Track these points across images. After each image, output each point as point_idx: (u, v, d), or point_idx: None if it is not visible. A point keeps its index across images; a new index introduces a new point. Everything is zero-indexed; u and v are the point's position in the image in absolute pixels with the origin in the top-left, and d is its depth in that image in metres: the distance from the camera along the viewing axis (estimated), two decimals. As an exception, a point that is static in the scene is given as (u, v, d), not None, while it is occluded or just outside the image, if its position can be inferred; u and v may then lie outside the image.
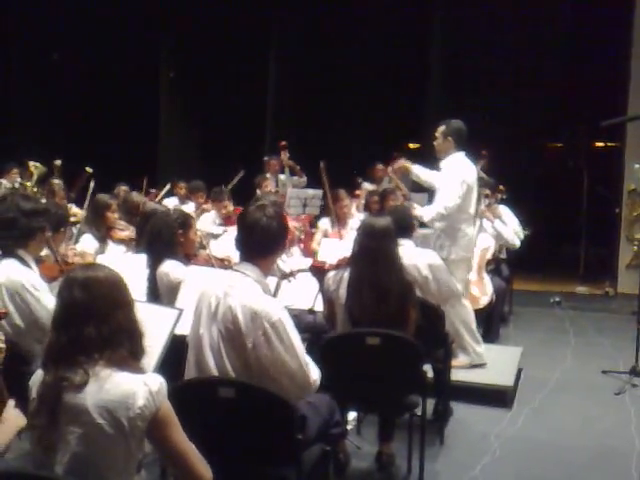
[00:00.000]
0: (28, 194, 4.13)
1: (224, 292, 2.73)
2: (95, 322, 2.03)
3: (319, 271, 3.93)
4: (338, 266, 3.83)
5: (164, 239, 3.91)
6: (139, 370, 2.06)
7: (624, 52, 8.50)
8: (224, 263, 4.34)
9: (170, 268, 3.83)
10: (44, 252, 3.72)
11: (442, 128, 5.26)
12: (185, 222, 4.17)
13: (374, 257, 3.59)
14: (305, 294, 4.13)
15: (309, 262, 4.90)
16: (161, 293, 3.82)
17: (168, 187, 7.85)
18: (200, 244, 4.60)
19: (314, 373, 2.74)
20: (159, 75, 10.61)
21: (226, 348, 2.69)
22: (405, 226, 4.48)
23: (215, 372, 2.70)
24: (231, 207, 6.81)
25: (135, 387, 1.99)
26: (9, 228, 3.35)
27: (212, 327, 2.72)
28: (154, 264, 3.87)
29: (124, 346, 2.05)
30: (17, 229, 3.36)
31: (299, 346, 2.69)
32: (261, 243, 2.79)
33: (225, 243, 5.12)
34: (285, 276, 3.78)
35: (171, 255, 3.89)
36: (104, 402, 1.97)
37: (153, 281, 3.84)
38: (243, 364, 2.67)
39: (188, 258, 4.12)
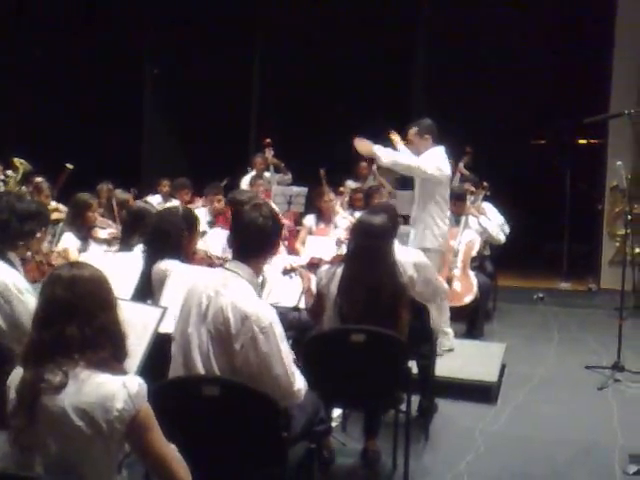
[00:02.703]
0: (23, 195, 4.08)
1: (215, 291, 2.71)
2: (77, 321, 2.00)
3: (315, 267, 3.93)
4: (333, 262, 3.82)
5: (171, 239, 3.80)
6: (120, 372, 2.04)
7: (607, 50, 8.56)
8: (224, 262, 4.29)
9: (170, 266, 3.79)
10: (28, 252, 3.69)
11: (415, 129, 5.30)
12: (192, 223, 4.09)
13: (370, 256, 3.58)
14: (290, 292, 4.12)
15: (300, 259, 4.87)
16: (155, 291, 3.77)
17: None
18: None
19: (299, 382, 2.72)
20: (143, 72, 10.55)
21: (214, 349, 2.68)
22: (393, 224, 4.51)
23: (202, 372, 2.68)
24: (224, 203, 6.75)
25: (114, 389, 1.96)
26: (1, 230, 3.31)
27: (201, 327, 2.70)
28: (152, 262, 3.81)
29: (106, 348, 2.03)
30: (9, 231, 3.33)
31: (286, 353, 2.68)
32: (256, 242, 2.80)
33: (211, 242, 5.09)
34: (286, 272, 3.77)
35: (173, 255, 3.83)
36: (83, 404, 1.95)
37: (147, 279, 3.80)
38: (231, 366, 2.66)
39: (187, 257, 4.05)
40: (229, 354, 2.66)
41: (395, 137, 5.51)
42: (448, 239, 5.76)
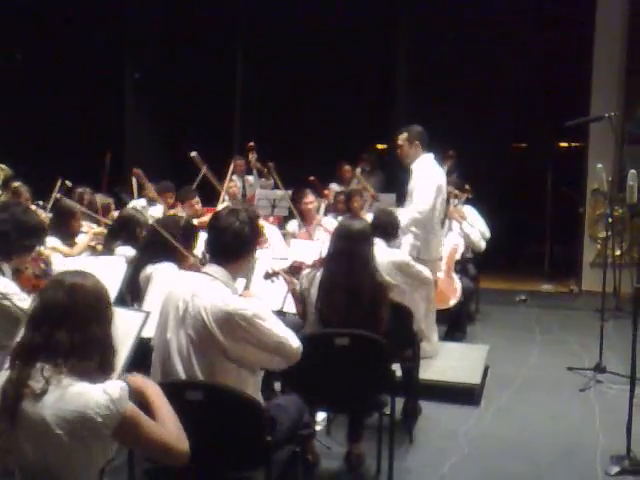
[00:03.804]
0: (29, 208, 4.02)
1: (192, 295, 2.71)
2: (68, 327, 1.99)
3: (298, 271, 3.92)
4: (314, 266, 3.82)
5: (168, 247, 3.82)
6: (101, 382, 2.02)
7: (587, 53, 8.63)
8: None
9: (153, 270, 3.79)
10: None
11: (405, 135, 5.29)
12: (192, 235, 4.09)
13: (348, 259, 3.58)
14: (274, 295, 4.12)
15: (281, 263, 4.87)
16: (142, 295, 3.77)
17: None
18: None
19: (294, 342, 2.76)
20: (124, 76, 10.50)
21: (196, 353, 2.67)
22: (385, 228, 4.66)
23: (183, 377, 2.68)
24: (199, 206, 6.73)
25: (95, 397, 1.95)
26: (1, 241, 3.29)
27: (180, 332, 2.70)
28: (142, 266, 3.81)
29: (93, 359, 2.01)
30: (7, 243, 3.30)
31: (277, 324, 2.73)
32: (232, 247, 2.80)
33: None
34: (268, 276, 3.77)
35: (168, 260, 3.83)
36: (63, 412, 1.93)
37: (136, 282, 3.79)
38: (212, 369, 2.66)
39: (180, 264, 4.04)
40: (212, 356, 2.66)
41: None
42: (443, 243, 5.82)
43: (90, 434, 1.94)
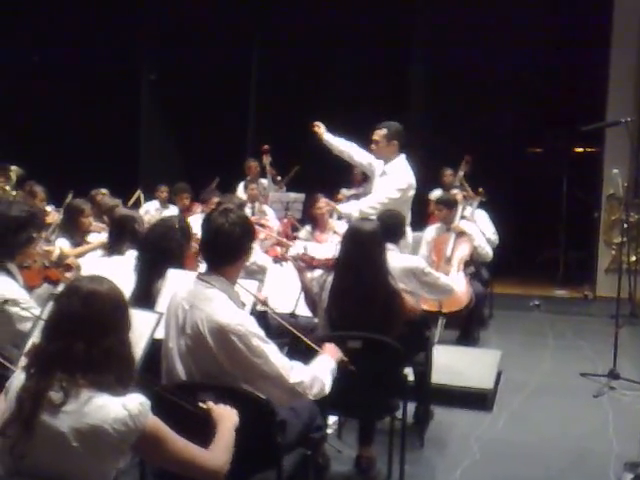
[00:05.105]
0: (12, 200, 4.00)
1: (190, 304, 2.69)
2: (86, 339, 1.96)
3: (307, 263, 3.87)
4: (325, 265, 3.77)
5: (173, 254, 3.70)
6: (122, 394, 1.98)
7: (603, 58, 8.59)
8: None
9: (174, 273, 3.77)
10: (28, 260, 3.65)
11: (384, 132, 5.12)
12: (189, 235, 4.03)
13: (359, 265, 3.51)
14: (286, 297, 4.12)
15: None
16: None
17: (138, 193, 7.80)
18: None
19: (296, 375, 2.68)
20: (140, 77, 10.56)
21: (195, 363, 2.67)
22: (395, 231, 4.42)
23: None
24: None
25: (114, 412, 1.93)
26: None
27: (180, 340, 2.70)
28: (152, 274, 3.70)
29: (111, 371, 1.98)
30: (6, 245, 3.29)
31: (272, 352, 2.65)
32: (224, 251, 2.72)
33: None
34: (277, 260, 3.71)
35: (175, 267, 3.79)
36: (81, 425, 1.91)
37: (147, 288, 3.74)
38: (216, 375, 2.65)
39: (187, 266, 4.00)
40: (212, 364, 2.64)
41: (319, 129, 5.35)
42: (438, 246, 5.74)
43: (107, 448, 1.94)
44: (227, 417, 2.29)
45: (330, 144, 5.32)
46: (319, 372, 2.79)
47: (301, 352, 3.39)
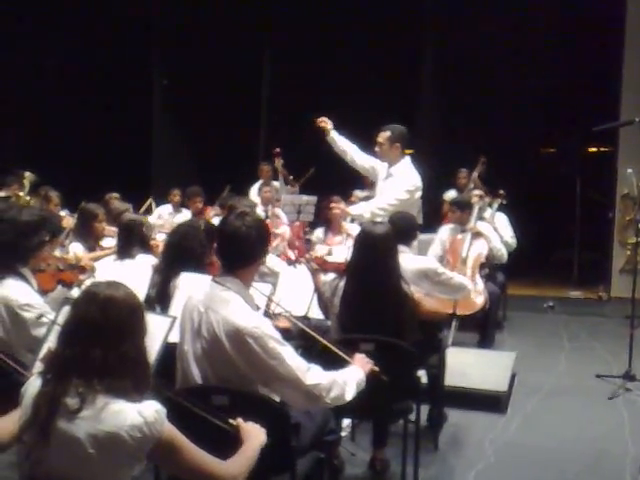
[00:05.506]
0: (23, 206, 4.01)
1: (206, 307, 2.70)
2: (103, 346, 1.96)
3: (320, 265, 3.87)
4: (337, 269, 3.77)
5: (195, 256, 3.74)
6: (138, 400, 1.99)
7: (617, 57, 8.55)
8: None
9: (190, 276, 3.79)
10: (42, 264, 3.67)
11: (387, 134, 5.08)
12: (213, 237, 4.02)
13: (371, 269, 3.50)
14: (299, 301, 4.12)
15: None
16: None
17: (150, 201, 7.87)
18: None
19: (313, 378, 2.66)
20: (152, 83, 10.61)
21: (211, 366, 2.67)
22: (407, 232, 4.37)
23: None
24: None
25: (130, 419, 1.93)
26: (9, 250, 3.28)
27: (197, 343, 2.70)
28: (171, 275, 3.73)
29: (127, 377, 1.98)
30: (18, 250, 3.30)
31: (289, 354, 2.65)
32: (240, 253, 2.74)
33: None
34: (291, 262, 3.72)
35: (196, 269, 3.81)
36: (97, 432, 1.92)
37: (163, 291, 3.76)
38: (231, 378, 2.65)
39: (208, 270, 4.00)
40: (229, 367, 2.64)
41: (326, 124, 5.32)
42: (453, 247, 5.71)
43: (123, 455, 1.94)
44: (255, 435, 2.30)
45: (334, 142, 5.31)
46: (341, 378, 2.78)
47: (315, 355, 3.41)
